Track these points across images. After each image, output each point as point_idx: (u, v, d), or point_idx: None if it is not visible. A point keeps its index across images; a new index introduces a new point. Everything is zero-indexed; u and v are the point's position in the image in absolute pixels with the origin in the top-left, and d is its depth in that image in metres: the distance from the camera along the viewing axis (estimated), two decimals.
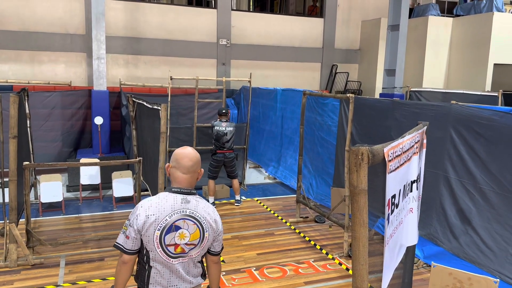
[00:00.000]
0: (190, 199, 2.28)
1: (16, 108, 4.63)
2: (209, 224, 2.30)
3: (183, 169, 2.27)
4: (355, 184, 1.65)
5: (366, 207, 1.71)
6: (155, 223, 2.18)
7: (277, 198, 7.87)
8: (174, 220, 2.21)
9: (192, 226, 2.25)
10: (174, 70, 12.61)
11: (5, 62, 11.28)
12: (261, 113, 10.14)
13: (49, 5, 11.44)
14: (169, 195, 2.27)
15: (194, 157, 2.32)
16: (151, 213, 2.19)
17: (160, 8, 12.72)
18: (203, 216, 2.28)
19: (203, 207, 2.31)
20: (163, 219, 2.19)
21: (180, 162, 2.28)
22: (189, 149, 2.35)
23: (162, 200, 2.24)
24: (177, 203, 2.24)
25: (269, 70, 14.00)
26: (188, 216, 2.24)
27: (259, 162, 10.15)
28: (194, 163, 2.30)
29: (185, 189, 2.29)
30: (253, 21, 13.85)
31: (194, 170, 2.31)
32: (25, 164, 4.99)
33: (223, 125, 7.01)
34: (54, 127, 9.26)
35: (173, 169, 2.30)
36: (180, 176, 2.28)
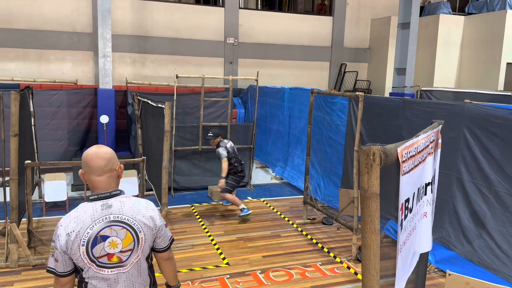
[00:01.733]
0: (112, 203, 2.02)
1: (17, 105, 4.54)
2: (142, 223, 2.04)
3: (97, 171, 2.00)
4: (365, 187, 1.51)
5: (378, 212, 1.57)
6: (77, 239, 1.94)
7: (283, 199, 7.72)
8: (98, 230, 1.97)
9: (121, 231, 2.00)
10: (181, 69, 12.52)
11: (13, 61, 11.27)
12: (268, 112, 9.99)
13: (56, 3, 11.41)
14: (87, 206, 2.01)
15: (105, 154, 2.03)
16: (70, 230, 1.95)
17: (168, 7, 12.64)
18: (132, 217, 2.03)
19: (131, 206, 2.05)
20: (84, 233, 1.95)
21: (91, 165, 1.99)
22: (97, 147, 2.06)
23: (81, 213, 1.99)
24: (97, 211, 1.99)
25: (277, 69, 13.85)
26: (114, 222, 1.99)
27: (266, 162, 10.01)
28: (107, 160, 2.02)
29: (104, 193, 2.02)
30: (261, 19, 13.72)
31: (110, 168, 2.03)
32: (27, 163, 4.91)
33: (227, 141, 6.73)
34: (60, 126, 9.20)
35: (86, 175, 2.03)
36: (96, 180, 2.01)
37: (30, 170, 4.95)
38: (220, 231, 6.04)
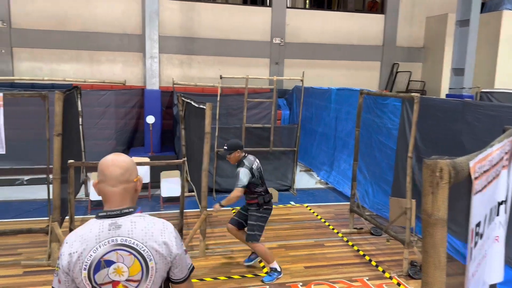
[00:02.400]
0: (122, 222, 1.75)
1: (60, 105, 4.57)
2: (154, 250, 1.75)
3: (111, 180, 1.77)
4: (429, 211, 1.21)
5: (445, 242, 1.26)
6: (79, 261, 1.71)
7: (328, 205, 7.37)
8: (102, 254, 1.72)
9: (128, 257, 1.73)
10: (227, 70, 12.44)
11: (67, 62, 11.71)
12: (314, 114, 9.65)
13: (108, 6, 11.72)
14: (95, 223, 1.76)
15: (123, 162, 1.81)
16: (73, 250, 1.72)
17: (215, 8, 12.63)
18: (142, 242, 1.74)
19: (144, 228, 1.76)
20: (87, 255, 1.71)
21: (106, 173, 1.78)
22: (115, 155, 1.85)
23: (87, 231, 1.74)
24: (103, 232, 1.73)
25: (324, 69, 13.44)
26: (120, 246, 1.73)
27: (311, 165, 9.67)
28: (124, 169, 1.79)
29: (114, 210, 1.77)
30: (308, 19, 13.37)
31: (127, 179, 1.79)
32: (70, 163, 4.93)
33: (253, 160, 4.78)
34: (108, 125, 9.40)
35: (100, 184, 1.80)
36: (110, 192, 1.78)
37: (73, 170, 4.97)
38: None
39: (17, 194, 7.40)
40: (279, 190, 7.80)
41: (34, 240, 5.33)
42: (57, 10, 11.35)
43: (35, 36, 11.25)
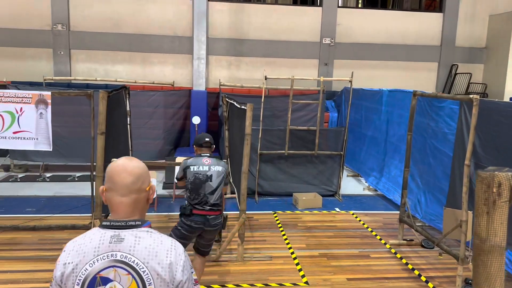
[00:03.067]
0: (125, 236, 1.54)
1: (104, 104, 4.62)
2: (155, 273, 1.52)
3: (121, 189, 1.58)
4: (483, 236, 0.98)
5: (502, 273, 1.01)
6: (72, 274, 1.52)
7: (376, 214, 6.97)
8: (99, 269, 1.52)
9: (125, 277, 1.52)
10: (275, 71, 12.27)
11: (120, 63, 12.11)
12: (364, 117, 9.24)
13: (160, 8, 11.99)
14: (96, 233, 1.57)
15: (136, 168, 1.60)
16: (69, 261, 1.53)
17: (265, 9, 12.53)
18: (143, 261, 1.52)
19: (148, 245, 1.54)
20: (82, 269, 1.52)
21: (116, 180, 1.58)
22: (126, 161, 1.63)
23: (86, 241, 1.56)
24: (104, 244, 1.53)
25: (376, 71, 12.90)
26: (119, 262, 1.52)
27: (359, 170, 9.26)
28: (137, 177, 1.59)
29: (119, 221, 1.56)
30: (361, 18, 12.91)
31: (139, 188, 1.60)
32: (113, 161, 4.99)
33: (205, 162, 3.99)
34: (156, 126, 9.56)
35: (109, 193, 1.60)
36: (117, 201, 1.58)
37: None
38: (301, 243, 5.58)
39: (68, 190, 7.69)
40: (323, 195, 7.51)
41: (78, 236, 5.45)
42: (112, 13, 11.77)
43: (91, 38, 11.74)
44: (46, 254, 4.97)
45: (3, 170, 8.71)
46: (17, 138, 4.70)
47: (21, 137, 4.71)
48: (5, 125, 4.65)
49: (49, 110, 4.71)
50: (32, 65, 11.57)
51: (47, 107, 4.70)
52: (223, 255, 5.01)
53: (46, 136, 4.76)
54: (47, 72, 11.57)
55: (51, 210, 6.56)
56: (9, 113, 4.64)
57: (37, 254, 4.98)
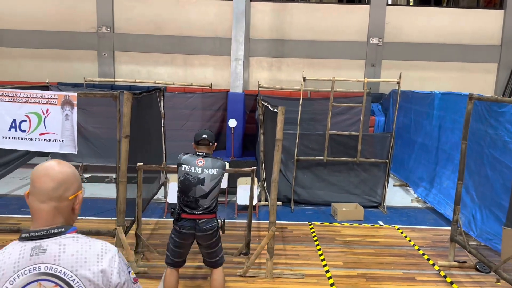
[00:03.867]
0: (49, 245, 1.41)
1: (129, 106, 4.41)
2: (87, 280, 1.41)
3: (40, 194, 1.44)
4: None
5: None
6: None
7: (424, 229, 6.31)
8: (21, 285, 1.39)
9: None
10: (318, 73, 11.80)
11: (163, 65, 12.12)
12: (413, 121, 8.52)
13: (202, 10, 11.88)
14: (16, 246, 1.43)
15: (59, 172, 1.46)
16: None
17: (308, 8, 12.08)
18: (71, 269, 1.40)
19: (75, 252, 1.42)
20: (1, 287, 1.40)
21: (36, 184, 1.45)
22: (50, 163, 1.48)
23: (5, 256, 1.42)
24: (24, 258, 1.40)
25: (428, 72, 12.04)
26: (44, 275, 1.40)
27: (407, 180, 8.55)
28: (58, 183, 1.45)
29: (39, 231, 1.42)
30: (411, 16, 12.11)
31: (60, 195, 1.45)
32: (138, 166, 4.79)
33: (198, 163, 3.62)
34: (194, 128, 9.37)
35: (30, 197, 1.47)
36: (36, 208, 1.44)
37: (141, 173, 4.82)
38: (338, 261, 5.08)
39: (103, 192, 7.66)
40: (366, 206, 6.95)
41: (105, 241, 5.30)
42: (155, 16, 11.81)
43: (134, 41, 11.84)
44: None
45: None
46: (43, 140, 4.61)
47: (47, 139, 4.61)
48: (31, 127, 4.57)
49: (75, 111, 4.58)
50: (77, 66, 11.84)
51: (72, 109, 4.56)
52: (251, 270, 4.64)
53: (71, 138, 4.63)
54: (92, 73, 11.81)
55: (83, 212, 6.40)
56: (35, 114, 4.55)
57: None
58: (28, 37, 11.59)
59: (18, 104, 4.54)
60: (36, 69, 11.73)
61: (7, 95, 4.53)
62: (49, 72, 11.66)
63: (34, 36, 11.59)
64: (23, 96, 4.52)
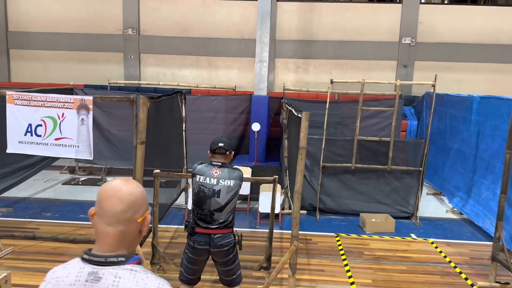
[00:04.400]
0: (104, 274, 1.31)
1: (145, 111, 4.21)
2: None
3: (108, 217, 1.33)
4: None
5: None
6: None
7: (461, 244, 5.83)
8: None
9: None
10: (346, 74, 11.40)
11: (187, 67, 12.01)
12: (448, 126, 8.00)
13: (227, 11, 11.69)
14: (76, 266, 1.35)
15: (128, 195, 1.35)
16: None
17: (337, 7, 11.68)
18: None
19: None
20: None
21: (104, 205, 1.34)
22: (119, 183, 1.37)
23: (64, 274, 1.34)
24: (79, 282, 1.31)
25: (464, 74, 11.40)
26: None
27: (441, 188, 8.03)
28: (128, 205, 1.34)
29: (98, 256, 1.33)
30: (446, 15, 11.50)
31: (129, 218, 1.34)
32: (155, 173, 4.58)
33: (214, 173, 3.34)
34: (217, 131, 9.18)
35: (95, 218, 1.36)
36: (102, 230, 1.34)
37: (158, 180, 4.61)
38: (367, 278, 4.71)
39: None
40: (397, 217, 6.52)
41: None
42: (180, 17, 11.70)
43: (160, 43, 11.77)
44: None
45: (68, 172, 8.86)
46: (58, 145, 4.47)
47: (62, 144, 4.47)
48: (47, 131, 4.45)
49: (91, 116, 4.42)
50: (104, 69, 11.88)
51: (88, 113, 4.41)
52: (272, 287, 4.34)
53: (87, 144, 4.48)
54: (118, 75, 11.81)
55: None
56: (51, 119, 4.42)
57: None
58: (56, 39, 11.71)
59: (34, 108, 4.42)
60: (64, 71, 11.85)
61: (23, 98, 4.42)
62: (76, 74, 11.75)
63: (62, 38, 11.71)
64: (39, 100, 4.40)
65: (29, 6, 11.78)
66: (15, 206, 6.67)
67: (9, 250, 5.02)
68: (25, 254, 4.97)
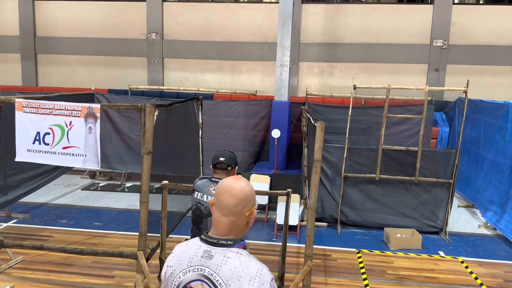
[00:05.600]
0: (215, 253, 1.59)
1: (152, 120, 4.03)
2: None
3: (222, 208, 1.62)
4: None
5: None
6: (171, 277, 1.66)
7: (494, 264, 5.35)
8: (189, 279, 1.61)
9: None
10: (374, 78, 10.97)
11: (210, 72, 11.88)
12: (482, 135, 7.47)
13: (250, 14, 11.50)
14: (195, 243, 1.66)
15: (239, 192, 1.62)
16: (170, 264, 1.67)
17: (364, 9, 11.27)
18: (226, 282, 1.54)
19: (233, 268, 1.55)
20: (177, 275, 1.64)
21: (220, 199, 1.63)
22: (234, 180, 1.66)
23: (185, 250, 1.66)
24: (197, 257, 1.61)
25: (499, 78, 10.73)
26: (205, 278, 1.58)
27: (474, 200, 7.51)
28: (239, 200, 1.61)
29: (212, 238, 1.61)
30: (482, 15, 10.88)
31: (239, 211, 1.62)
32: (163, 184, 4.39)
33: (212, 191, 3.14)
34: (236, 137, 9.00)
35: (213, 207, 1.67)
36: (217, 219, 1.64)
37: (166, 192, 4.42)
38: None
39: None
40: (424, 232, 6.10)
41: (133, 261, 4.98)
42: (203, 22, 11.59)
43: (183, 47, 11.71)
44: (93, 283, 4.56)
45: (89, 177, 8.87)
46: (66, 154, 4.36)
47: (70, 153, 4.36)
48: (55, 140, 4.34)
49: (98, 124, 4.29)
50: (128, 73, 11.92)
51: (96, 121, 4.27)
52: None
53: (94, 153, 4.34)
54: (142, 80, 11.84)
55: (117, 226, 6.28)
56: (59, 127, 4.32)
57: (84, 280, 4.60)
58: (82, 44, 11.85)
59: (42, 116, 4.33)
60: (89, 75, 11.97)
61: (32, 106, 4.34)
62: (101, 78, 11.85)
63: (87, 43, 11.84)
64: (47, 107, 4.30)
65: (56, 12, 11.98)
66: (32, 212, 6.67)
67: (20, 259, 4.96)
68: (35, 264, 4.90)
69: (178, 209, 5.95)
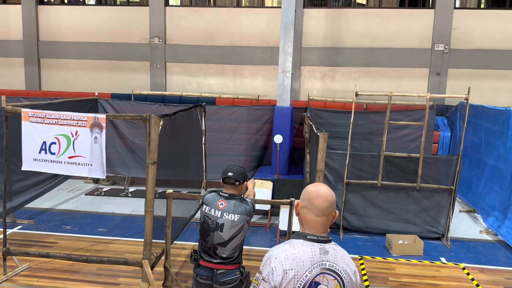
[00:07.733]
0: (329, 249, 1.95)
1: (157, 130, 4.09)
2: (349, 278, 1.96)
3: (317, 211, 1.94)
4: None
5: None
6: (294, 279, 1.88)
7: (496, 271, 5.39)
8: (314, 275, 1.90)
9: (332, 281, 1.93)
10: (375, 83, 11.03)
11: (212, 76, 11.93)
12: (483, 140, 7.51)
13: (253, 19, 11.55)
14: (305, 244, 1.93)
15: (330, 197, 1.98)
16: (288, 267, 1.88)
17: (366, 13, 11.31)
18: (343, 269, 1.94)
19: (342, 256, 1.98)
20: (303, 275, 1.89)
21: (314, 203, 1.95)
22: (323, 187, 2.01)
23: (299, 251, 1.91)
24: (316, 255, 1.92)
25: (501, 82, 10.76)
26: (328, 270, 1.92)
27: (475, 205, 7.54)
28: (329, 204, 1.97)
29: (322, 237, 1.94)
30: (483, 20, 10.91)
31: (330, 212, 1.96)
32: (168, 193, 4.46)
33: (219, 205, 3.17)
34: (239, 141, 9.05)
35: (304, 209, 1.97)
36: (313, 220, 1.95)
37: (171, 201, 4.48)
38: None
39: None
40: (426, 237, 6.15)
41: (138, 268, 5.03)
42: (205, 26, 11.65)
43: (186, 51, 11.76)
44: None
45: (92, 182, 8.93)
46: (71, 164, 4.42)
47: (75, 162, 4.42)
48: (61, 149, 4.40)
49: (104, 134, 4.34)
50: (131, 77, 11.98)
51: (101, 131, 4.33)
52: None
53: (100, 163, 4.40)
54: (145, 84, 11.90)
55: (121, 232, 6.34)
56: (65, 137, 4.37)
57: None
58: (85, 48, 11.92)
59: (48, 126, 4.39)
60: (92, 80, 12.05)
61: (38, 116, 4.40)
62: (104, 83, 11.92)
63: (90, 47, 11.90)
64: (53, 117, 4.36)
65: (59, 16, 12.06)
66: (37, 218, 6.73)
67: (26, 266, 5.02)
68: (41, 271, 4.96)
69: (182, 214, 6.00)
